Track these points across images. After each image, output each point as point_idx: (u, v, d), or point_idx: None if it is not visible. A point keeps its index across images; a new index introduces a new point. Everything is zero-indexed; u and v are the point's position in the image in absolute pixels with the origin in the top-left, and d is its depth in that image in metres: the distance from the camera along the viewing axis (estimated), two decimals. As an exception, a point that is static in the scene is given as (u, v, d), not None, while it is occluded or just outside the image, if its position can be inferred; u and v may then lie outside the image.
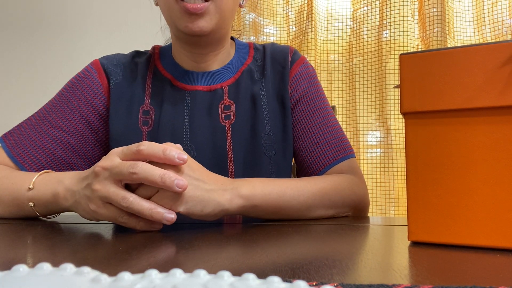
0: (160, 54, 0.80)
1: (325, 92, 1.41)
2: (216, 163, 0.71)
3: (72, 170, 0.71)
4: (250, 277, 0.18)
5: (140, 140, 0.72)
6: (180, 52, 0.76)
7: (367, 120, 1.35)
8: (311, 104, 0.77)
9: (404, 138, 1.07)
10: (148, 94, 0.75)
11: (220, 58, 0.77)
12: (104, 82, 0.75)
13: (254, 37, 1.42)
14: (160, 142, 0.71)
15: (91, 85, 0.74)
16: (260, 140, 0.73)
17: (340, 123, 1.40)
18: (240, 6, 0.74)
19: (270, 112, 0.75)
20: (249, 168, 0.72)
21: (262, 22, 1.44)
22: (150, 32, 1.47)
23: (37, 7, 1.56)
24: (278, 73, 0.78)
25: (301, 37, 1.40)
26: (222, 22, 0.69)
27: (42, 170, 0.68)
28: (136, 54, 0.81)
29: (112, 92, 0.74)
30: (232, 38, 0.83)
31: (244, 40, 1.39)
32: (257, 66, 0.79)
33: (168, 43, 0.83)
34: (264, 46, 0.82)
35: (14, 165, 0.69)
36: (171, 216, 0.46)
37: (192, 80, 0.76)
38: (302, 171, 0.77)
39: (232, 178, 0.69)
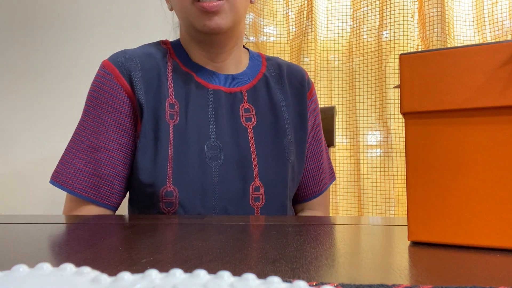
0: (173, 49, 0.79)
1: (325, 92, 1.42)
2: (242, 163, 0.73)
3: (120, 180, 0.71)
4: (250, 277, 0.18)
5: (168, 134, 0.69)
6: (197, 52, 0.77)
7: (367, 120, 1.35)
8: (319, 131, 0.87)
9: (404, 138, 1.07)
10: (171, 87, 0.73)
11: (234, 58, 0.80)
12: (123, 82, 0.70)
13: (254, 37, 1.42)
14: (189, 137, 0.71)
15: (113, 92, 0.70)
16: (282, 145, 0.77)
17: (340, 123, 1.40)
18: (251, 2, 0.78)
19: (289, 121, 0.80)
20: (272, 170, 0.75)
21: (262, 22, 1.44)
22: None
23: (40, 7, 1.56)
24: (296, 89, 0.83)
25: (301, 37, 1.40)
26: (237, 19, 0.73)
27: (107, 195, 0.69)
28: (146, 46, 0.78)
29: (138, 88, 0.70)
30: (245, 47, 0.87)
31: (243, 41, 1.39)
32: (271, 76, 0.82)
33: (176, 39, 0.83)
34: (275, 60, 0.86)
35: (85, 200, 0.69)
36: None
37: (213, 80, 0.77)
38: (299, 188, 0.86)
39: (256, 178, 0.73)
